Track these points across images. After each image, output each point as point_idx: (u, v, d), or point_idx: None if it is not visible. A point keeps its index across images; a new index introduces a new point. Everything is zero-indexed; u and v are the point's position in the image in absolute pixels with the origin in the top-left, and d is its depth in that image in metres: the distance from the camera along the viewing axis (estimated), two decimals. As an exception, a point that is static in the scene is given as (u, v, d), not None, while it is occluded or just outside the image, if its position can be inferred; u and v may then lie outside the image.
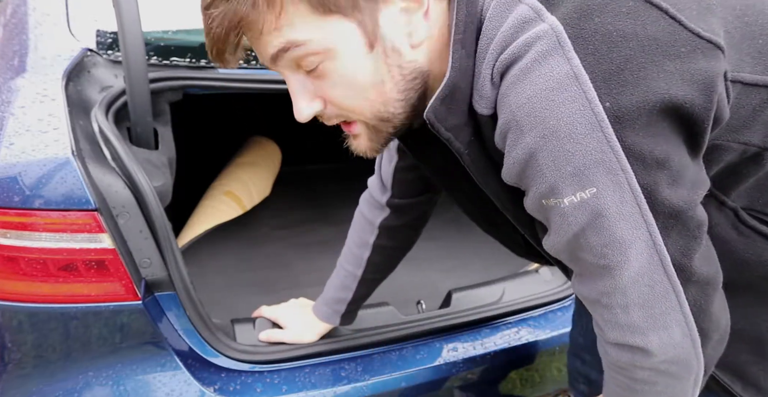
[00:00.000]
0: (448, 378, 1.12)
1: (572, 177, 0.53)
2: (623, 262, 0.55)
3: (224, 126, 2.27)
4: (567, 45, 0.50)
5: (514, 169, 0.57)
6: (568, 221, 0.55)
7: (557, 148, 0.52)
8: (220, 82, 1.10)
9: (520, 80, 0.53)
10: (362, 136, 0.66)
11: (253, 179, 1.93)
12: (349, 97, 0.60)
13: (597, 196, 0.53)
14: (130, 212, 0.87)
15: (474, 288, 1.27)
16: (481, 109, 0.59)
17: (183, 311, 0.95)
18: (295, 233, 1.91)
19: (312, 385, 1.02)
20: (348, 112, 0.62)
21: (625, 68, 0.50)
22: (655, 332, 0.58)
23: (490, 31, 0.56)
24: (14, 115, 0.87)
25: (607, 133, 0.50)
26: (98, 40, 1.04)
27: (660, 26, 0.51)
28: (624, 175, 0.52)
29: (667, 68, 0.50)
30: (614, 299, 0.58)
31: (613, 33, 0.50)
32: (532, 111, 0.52)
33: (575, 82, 0.50)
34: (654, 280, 0.56)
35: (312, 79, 0.60)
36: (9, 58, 1.00)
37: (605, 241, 0.55)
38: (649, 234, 0.54)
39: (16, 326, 0.87)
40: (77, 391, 0.91)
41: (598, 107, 0.50)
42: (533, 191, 0.57)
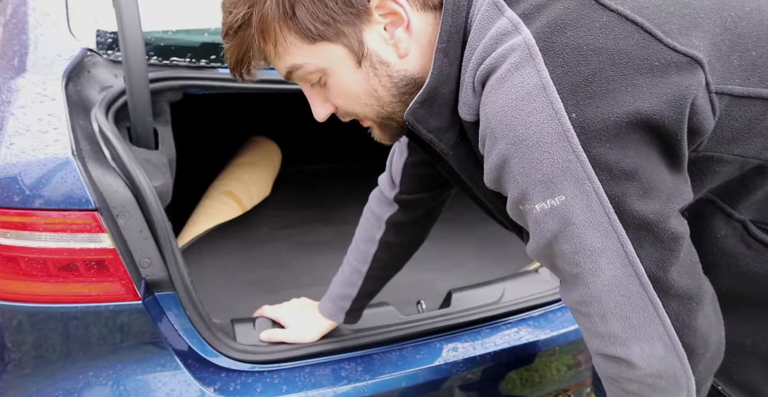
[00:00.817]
0: (448, 378, 1.12)
1: (541, 184, 0.55)
2: (595, 270, 0.56)
3: (224, 126, 2.27)
4: (537, 57, 0.53)
5: (491, 175, 0.60)
6: (540, 227, 0.58)
7: (526, 156, 0.54)
8: (220, 82, 1.10)
9: (494, 90, 0.56)
10: (374, 129, 0.74)
11: (253, 179, 1.93)
12: (350, 104, 0.70)
13: (565, 204, 0.54)
14: (130, 211, 0.87)
15: (474, 288, 1.27)
16: (464, 115, 0.63)
17: (183, 311, 0.95)
18: (295, 233, 1.91)
19: (312, 385, 1.02)
20: (354, 114, 0.72)
21: (593, 81, 0.52)
22: (636, 343, 0.58)
23: (474, 41, 0.60)
24: (14, 115, 0.87)
25: (573, 143, 0.52)
26: (98, 40, 1.04)
27: (633, 40, 0.52)
28: (591, 185, 0.53)
29: (637, 82, 0.52)
30: (592, 307, 0.59)
31: (584, 46, 0.52)
32: (504, 119, 0.55)
33: (543, 92, 0.52)
34: (630, 290, 0.56)
35: (321, 88, 0.70)
36: (9, 58, 1.00)
37: (575, 248, 0.56)
38: (620, 244, 0.55)
39: (16, 326, 0.87)
40: (77, 391, 0.91)
41: (564, 118, 0.52)
42: (510, 196, 0.60)
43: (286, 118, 2.36)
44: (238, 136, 2.21)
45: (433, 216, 1.07)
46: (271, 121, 2.30)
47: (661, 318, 0.57)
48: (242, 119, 2.31)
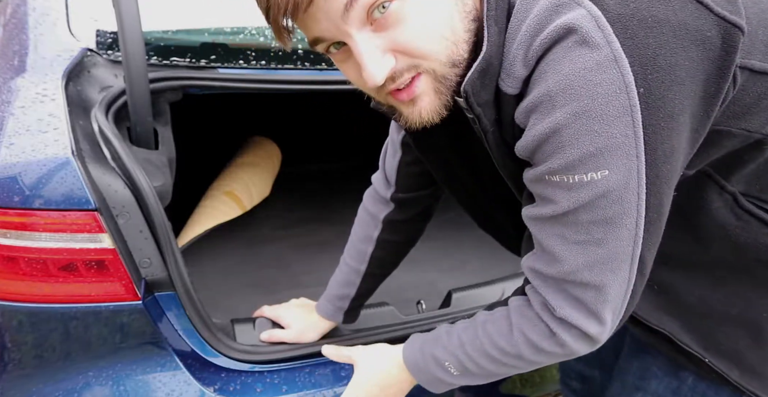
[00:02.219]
0: (448, 378, 1.12)
1: (591, 157, 0.54)
2: (601, 241, 0.58)
3: (224, 126, 2.27)
4: (607, 29, 0.51)
5: (532, 142, 0.58)
6: (570, 195, 0.57)
7: (585, 127, 0.53)
8: (220, 82, 1.10)
9: (560, 58, 0.53)
10: (426, 94, 0.62)
11: (253, 179, 1.93)
12: (424, 37, 0.58)
13: (607, 179, 0.54)
14: (130, 212, 0.87)
15: (474, 288, 1.27)
16: (506, 88, 0.59)
17: (183, 311, 0.95)
18: (295, 233, 1.91)
19: (312, 385, 1.02)
20: (421, 59, 0.59)
21: (659, 54, 0.51)
22: (599, 311, 0.62)
23: (522, 13, 0.57)
24: (14, 115, 0.87)
25: (635, 119, 0.52)
26: (98, 40, 1.04)
27: (688, 10, 0.52)
28: (637, 162, 0.54)
29: (692, 55, 0.52)
30: (579, 276, 0.60)
31: (649, 18, 0.51)
32: (568, 88, 0.53)
33: (615, 64, 0.51)
34: (620, 268, 0.59)
35: (381, 33, 0.58)
36: (9, 58, 1.00)
37: (594, 218, 0.57)
38: (635, 224, 0.56)
39: (16, 326, 0.87)
40: (77, 391, 0.91)
41: (633, 92, 0.51)
42: (545, 165, 0.58)
43: (286, 118, 2.36)
44: (238, 137, 2.21)
45: (429, 213, 1.06)
46: (271, 121, 2.30)
47: (626, 293, 0.61)
48: (242, 119, 2.31)
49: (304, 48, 1.16)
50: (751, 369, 0.72)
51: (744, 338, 0.71)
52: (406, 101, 0.63)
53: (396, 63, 0.59)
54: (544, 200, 0.61)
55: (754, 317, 0.70)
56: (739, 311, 0.70)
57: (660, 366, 0.81)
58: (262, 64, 1.15)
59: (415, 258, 1.12)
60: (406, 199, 1.00)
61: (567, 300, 0.63)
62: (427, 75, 0.61)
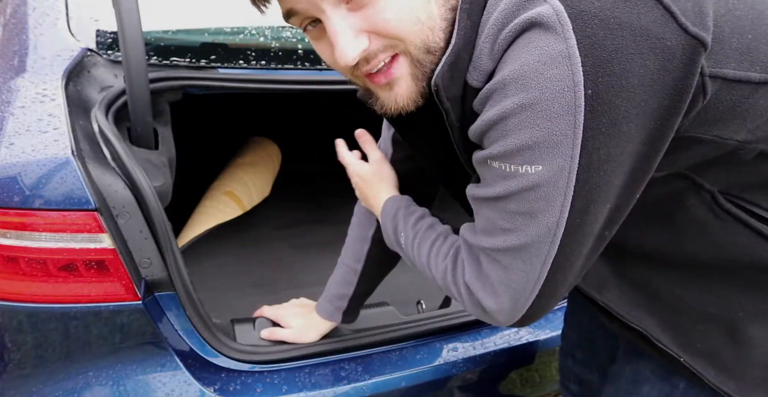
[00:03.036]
0: (448, 378, 1.12)
1: (528, 150, 0.55)
2: (521, 231, 0.59)
3: (224, 126, 2.27)
4: (567, 24, 0.51)
5: (482, 126, 0.59)
6: (504, 183, 0.58)
7: (529, 119, 0.53)
8: (220, 82, 1.10)
9: (519, 49, 0.54)
10: (403, 79, 0.63)
11: (253, 179, 1.93)
12: (399, 19, 0.58)
13: (539, 174, 0.55)
14: (130, 212, 0.87)
15: (474, 288, 1.27)
16: (472, 81, 0.60)
17: (183, 311, 0.95)
18: (295, 233, 1.91)
19: (312, 385, 1.02)
20: (397, 41, 0.59)
21: (614, 58, 0.50)
22: (500, 291, 0.64)
23: (491, 7, 0.57)
24: (14, 115, 0.87)
25: (577, 120, 0.52)
26: (98, 40, 1.04)
27: (653, 16, 0.51)
28: (570, 164, 0.54)
29: (648, 64, 0.51)
30: (495, 255, 0.63)
31: (611, 19, 0.51)
32: (521, 78, 0.53)
33: (567, 61, 0.51)
34: (532, 262, 0.60)
35: (357, 13, 0.58)
36: (9, 58, 1.00)
37: (520, 209, 0.58)
38: (556, 224, 0.57)
39: (16, 326, 0.87)
40: (77, 391, 0.91)
41: (580, 92, 0.51)
42: (488, 150, 0.59)
43: (286, 119, 2.36)
44: (238, 137, 2.21)
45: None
46: (271, 122, 2.30)
47: (534, 286, 0.62)
48: (242, 119, 2.31)
49: (304, 48, 1.16)
50: (727, 369, 0.71)
51: (720, 337, 0.71)
52: (383, 84, 0.63)
53: (370, 44, 0.59)
54: (483, 181, 0.63)
55: (731, 317, 0.70)
56: (716, 310, 0.70)
57: (653, 370, 0.81)
58: (262, 64, 1.15)
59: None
60: None
61: (476, 269, 0.67)
62: (404, 57, 0.61)
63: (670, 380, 0.79)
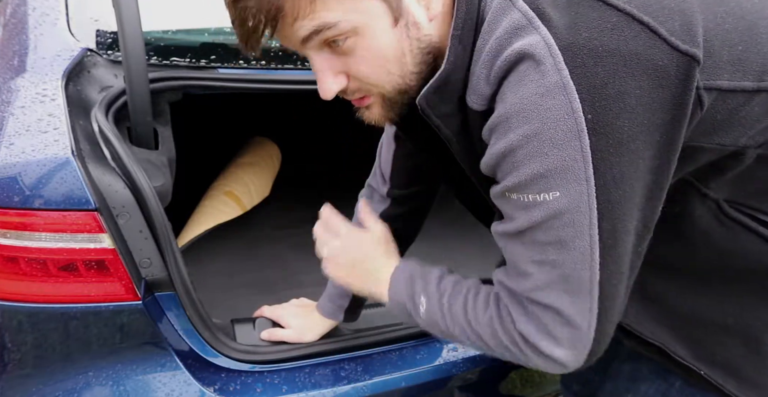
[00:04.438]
0: (448, 378, 1.12)
1: (541, 178, 0.56)
2: (557, 262, 0.59)
3: (224, 126, 2.27)
4: (558, 57, 0.53)
5: (492, 160, 0.61)
6: (526, 214, 0.59)
7: (536, 149, 0.55)
8: (220, 82, 1.10)
9: (516, 83, 0.56)
10: (375, 106, 0.69)
11: (253, 179, 1.93)
12: (373, 72, 0.64)
13: (558, 200, 0.56)
14: (130, 212, 0.87)
15: (474, 288, 1.27)
16: (472, 104, 0.62)
17: (183, 311, 0.95)
18: (295, 233, 1.90)
19: (312, 385, 1.02)
20: (370, 86, 0.66)
21: (608, 83, 0.53)
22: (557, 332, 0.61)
23: (487, 33, 0.59)
24: (14, 115, 0.87)
25: (583, 144, 0.54)
26: (98, 40, 1.04)
27: (641, 41, 0.53)
28: (587, 186, 0.55)
29: (643, 85, 0.53)
30: (537, 294, 0.61)
31: (599, 48, 0.53)
32: (522, 111, 0.55)
33: (563, 91, 0.53)
34: (579, 292, 0.59)
35: (337, 56, 0.64)
36: (9, 58, 1.00)
37: (549, 239, 0.58)
38: (590, 249, 0.57)
39: (16, 326, 0.87)
40: (77, 391, 0.91)
41: (580, 118, 0.53)
42: (504, 183, 0.60)
43: (286, 119, 2.36)
44: (238, 137, 2.21)
45: (425, 209, 1.07)
46: (271, 122, 2.30)
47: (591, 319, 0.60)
48: (242, 119, 2.31)
49: (304, 48, 1.16)
50: (749, 380, 0.71)
51: (738, 347, 0.71)
52: (360, 106, 0.70)
53: (348, 83, 0.66)
54: (506, 216, 0.63)
55: (747, 325, 0.70)
56: (733, 320, 0.70)
57: (650, 369, 0.81)
58: (262, 64, 1.15)
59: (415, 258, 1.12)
60: (402, 195, 1.01)
61: (524, 314, 0.64)
62: (376, 96, 0.68)
63: (668, 379, 0.79)
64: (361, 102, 0.69)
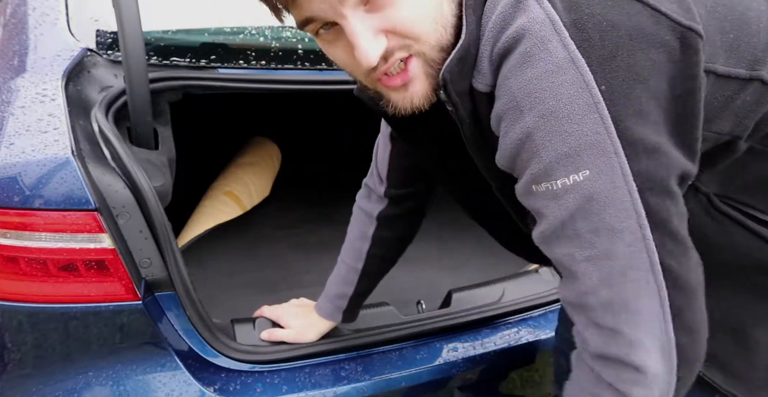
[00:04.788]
0: (448, 378, 1.12)
1: (566, 158, 0.53)
2: (609, 252, 0.54)
3: (224, 126, 2.27)
4: (563, 32, 0.52)
5: (509, 151, 0.58)
6: (559, 204, 0.55)
7: (554, 128, 0.53)
8: (220, 82, 1.10)
9: (520, 64, 0.54)
10: (418, 79, 0.62)
11: (253, 179, 1.94)
12: (416, 17, 0.58)
13: (589, 179, 0.53)
14: (130, 212, 0.87)
15: (474, 288, 1.27)
16: (478, 85, 0.60)
17: (183, 311, 0.95)
18: (295, 233, 1.91)
19: (312, 385, 1.02)
20: (413, 40, 0.59)
21: (617, 55, 0.52)
22: (639, 341, 0.55)
23: (490, 9, 0.58)
24: (14, 115, 0.87)
25: (603, 115, 0.52)
26: (98, 40, 1.04)
27: (644, 16, 0.53)
28: (617, 159, 0.53)
29: (653, 57, 0.52)
30: (597, 297, 0.56)
31: (603, 22, 0.52)
32: (532, 92, 0.54)
33: (573, 65, 0.52)
34: (640, 278, 0.54)
35: (375, 14, 0.58)
36: (9, 58, 1.00)
37: (593, 227, 0.54)
38: (638, 226, 0.53)
39: (16, 326, 0.87)
40: (77, 391, 0.91)
41: (594, 90, 0.52)
42: (527, 174, 0.57)
43: (286, 119, 2.36)
44: (238, 137, 2.21)
45: (423, 209, 1.07)
46: (271, 122, 2.30)
47: (664, 314, 0.55)
48: (242, 119, 2.31)
49: (304, 48, 1.16)
50: (736, 374, 0.71)
51: (726, 341, 0.70)
52: (398, 87, 0.63)
53: (388, 42, 0.59)
54: (539, 215, 0.59)
55: (735, 320, 0.70)
56: (720, 315, 0.68)
57: None
58: (262, 64, 1.15)
59: (415, 258, 1.12)
60: (399, 195, 1.01)
61: (594, 328, 0.58)
62: (418, 58, 0.61)
63: None
64: (405, 74, 0.62)
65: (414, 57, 0.61)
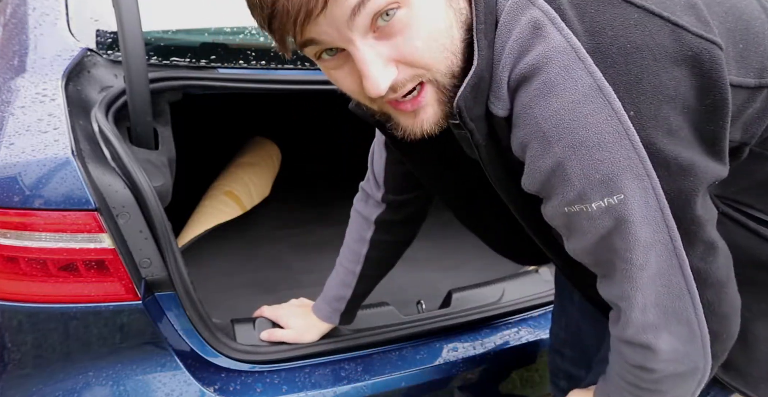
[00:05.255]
0: (448, 378, 1.12)
1: (601, 184, 0.55)
2: (643, 264, 0.58)
3: (224, 126, 2.27)
4: (587, 60, 0.52)
5: (538, 178, 0.59)
6: (596, 224, 0.58)
7: (586, 158, 0.54)
8: (220, 82, 1.10)
9: (544, 94, 0.54)
10: (430, 105, 0.61)
11: (253, 179, 1.94)
12: (428, 47, 0.57)
13: (624, 202, 0.55)
14: (130, 212, 0.87)
15: (474, 288, 1.27)
16: (496, 110, 0.60)
17: (183, 311, 0.95)
18: (294, 233, 1.91)
19: (312, 385, 1.02)
20: (423, 69, 0.58)
21: (642, 78, 0.52)
22: (666, 330, 0.61)
23: (505, 32, 0.57)
24: (14, 115, 0.87)
25: (634, 141, 0.53)
26: (98, 40, 1.04)
27: (665, 33, 0.53)
28: (650, 182, 0.55)
29: (676, 74, 0.53)
30: (634, 300, 0.61)
31: (627, 45, 0.53)
32: (560, 123, 0.54)
33: (600, 93, 0.52)
34: (671, 281, 0.59)
35: (385, 42, 0.56)
36: (9, 58, 1.00)
37: (628, 245, 0.58)
38: (669, 238, 0.57)
39: (16, 326, 0.87)
40: (77, 391, 0.91)
41: (624, 117, 0.53)
42: (557, 199, 0.59)
43: (286, 119, 2.36)
44: (238, 137, 2.21)
45: (421, 214, 1.07)
46: (271, 122, 2.30)
47: (695, 307, 0.60)
48: (242, 119, 2.31)
49: (304, 48, 1.16)
50: (737, 369, 0.73)
51: None
52: (408, 112, 0.62)
53: (398, 73, 0.58)
54: (571, 231, 0.62)
55: None
56: None
57: None
58: (262, 64, 1.15)
59: (415, 258, 1.12)
60: (396, 201, 1.01)
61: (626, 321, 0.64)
62: (430, 85, 0.60)
63: None
64: (417, 101, 0.60)
65: (427, 84, 0.60)
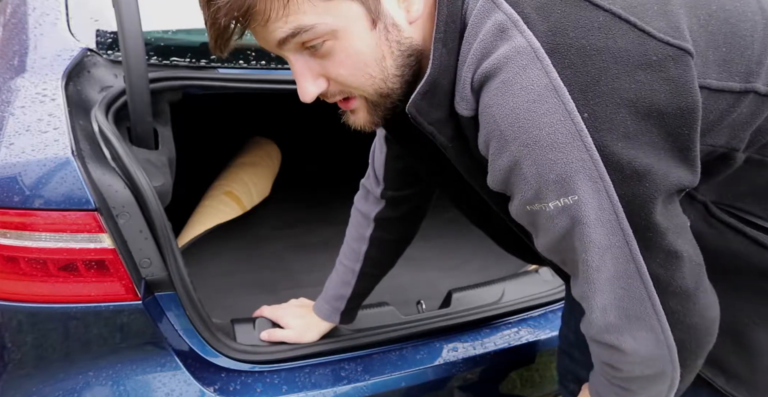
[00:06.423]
0: (448, 378, 1.12)
1: (555, 184, 0.56)
2: (600, 266, 0.59)
3: (224, 126, 2.27)
4: (545, 60, 0.53)
5: (499, 176, 0.60)
6: (554, 222, 0.59)
7: (540, 157, 0.55)
8: (220, 82, 1.10)
9: (502, 93, 0.55)
10: (360, 111, 0.68)
11: (253, 179, 1.94)
12: (352, 74, 0.63)
13: (578, 203, 0.56)
14: (130, 212, 0.87)
15: (474, 288, 1.27)
16: (462, 110, 0.62)
17: (183, 311, 0.95)
18: (295, 233, 1.91)
19: (312, 385, 1.02)
20: (350, 89, 0.65)
21: (600, 80, 0.52)
22: (629, 333, 0.62)
23: (471, 36, 0.59)
24: (14, 115, 0.87)
25: (587, 143, 0.53)
26: (98, 40, 1.04)
27: (629, 38, 0.53)
28: (603, 184, 0.55)
29: (639, 78, 0.53)
30: (594, 301, 0.62)
31: (587, 47, 0.53)
32: (515, 121, 0.55)
33: (555, 94, 0.53)
34: (630, 285, 0.59)
35: (316, 59, 0.62)
36: (9, 58, 1.00)
37: (584, 246, 0.58)
38: (625, 242, 0.57)
39: (16, 326, 0.87)
40: (77, 391, 0.91)
41: (577, 118, 0.53)
42: (518, 197, 0.60)
43: (286, 119, 2.36)
44: (238, 137, 2.21)
45: (421, 212, 1.07)
46: (271, 122, 2.30)
47: (657, 313, 0.60)
48: (242, 119, 2.31)
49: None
50: (738, 376, 0.72)
51: (726, 343, 0.71)
52: (346, 109, 0.68)
53: (328, 87, 0.65)
54: (536, 229, 0.63)
55: (736, 324, 0.71)
56: (721, 319, 0.70)
57: None
58: (262, 64, 1.15)
59: (415, 258, 1.12)
60: (396, 197, 1.01)
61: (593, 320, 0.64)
62: (359, 98, 0.66)
63: None
64: (347, 105, 0.68)
65: (355, 97, 0.66)
